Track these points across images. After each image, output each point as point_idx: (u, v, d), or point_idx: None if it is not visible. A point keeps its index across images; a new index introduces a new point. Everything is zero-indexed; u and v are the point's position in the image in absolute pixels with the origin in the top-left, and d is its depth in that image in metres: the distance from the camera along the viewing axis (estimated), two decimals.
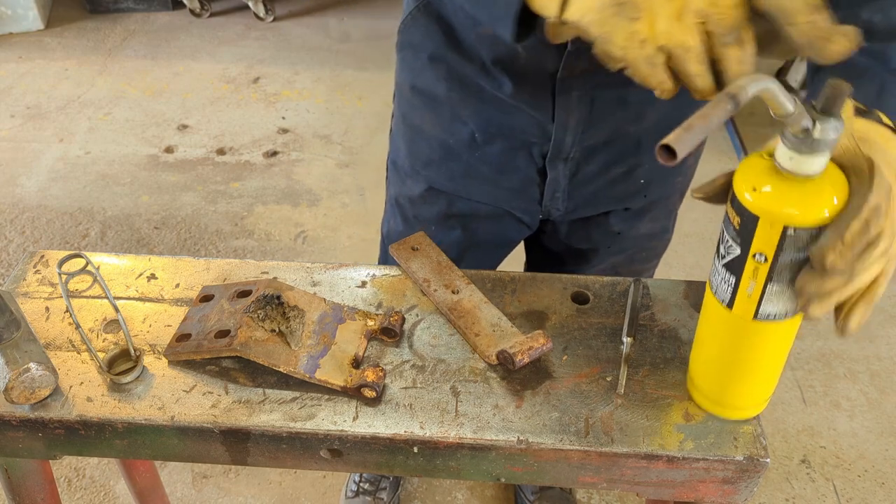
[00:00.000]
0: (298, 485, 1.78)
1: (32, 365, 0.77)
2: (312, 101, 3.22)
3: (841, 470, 1.80)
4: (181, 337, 0.86)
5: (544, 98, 0.94)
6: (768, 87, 0.53)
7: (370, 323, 0.88)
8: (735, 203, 0.60)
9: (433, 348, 0.87)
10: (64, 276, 0.91)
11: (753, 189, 0.58)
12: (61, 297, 0.93)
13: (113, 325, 0.90)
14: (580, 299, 0.93)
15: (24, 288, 0.95)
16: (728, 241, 0.62)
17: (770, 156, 0.59)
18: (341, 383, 0.81)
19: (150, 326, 0.90)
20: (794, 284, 0.60)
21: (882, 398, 1.97)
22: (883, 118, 0.66)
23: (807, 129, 0.54)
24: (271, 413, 0.80)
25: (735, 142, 2.89)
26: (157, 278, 0.96)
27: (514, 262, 1.45)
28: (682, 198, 1.19)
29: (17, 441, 0.83)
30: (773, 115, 0.55)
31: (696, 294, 0.93)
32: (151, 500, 1.37)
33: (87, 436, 0.81)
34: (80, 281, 0.94)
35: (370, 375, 0.80)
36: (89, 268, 0.91)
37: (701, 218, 2.54)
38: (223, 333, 0.82)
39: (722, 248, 0.63)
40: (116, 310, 0.86)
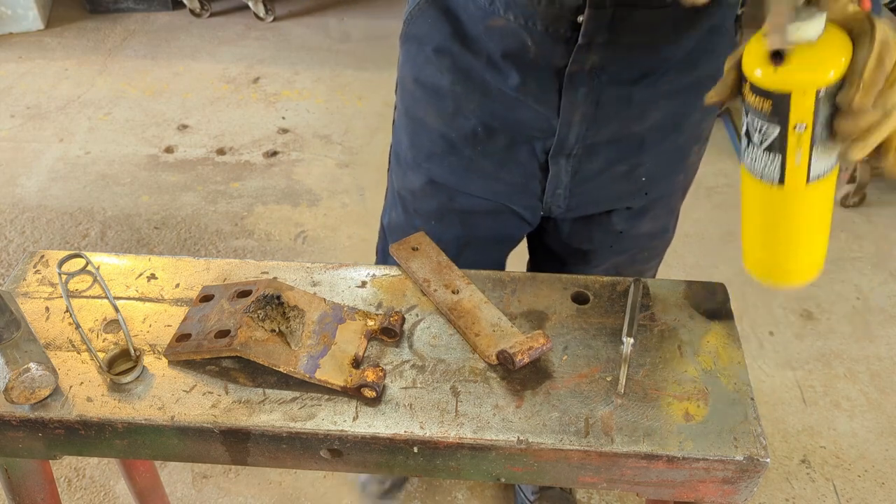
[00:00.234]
0: (298, 485, 1.78)
1: (32, 365, 0.77)
2: (312, 101, 3.22)
3: (841, 470, 1.80)
4: (181, 337, 0.86)
5: (550, 93, 0.94)
6: None
7: (370, 323, 0.88)
8: (760, 91, 0.64)
9: (433, 348, 0.87)
10: (64, 276, 0.91)
11: (775, 71, 0.62)
12: (61, 297, 0.93)
13: (113, 325, 0.90)
14: (580, 299, 0.93)
15: (24, 288, 0.95)
16: (762, 126, 0.66)
17: (766, 36, 0.63)
18: (341, 383, 0.81)
19: (150, 326, 0.90)
20: (834, 134, 0.64)
21: (882, 398, 1.97)
22: None
23: None
24: (271, 413, 0.80)
25: (735, 142, 2.89)
26: (157, 278, 0.96)
27: (516, 262, 1.45)
28: (684, 196, 1.19)
29: (17, 441, 0.83)
30: None
31: (696, 294, 0.93)
32: (151, 500, 1.37)
33: (87, 436, 0.81)
34: (80, 281, 0.94)
35: (370, 375, 0.80)
36: (89, 268, 0.91)
37: (702, 218, 2.54)
38: (223, 333, 0.82)
39: (756, 137, 0.68)
40: (116, 310, 0.86)
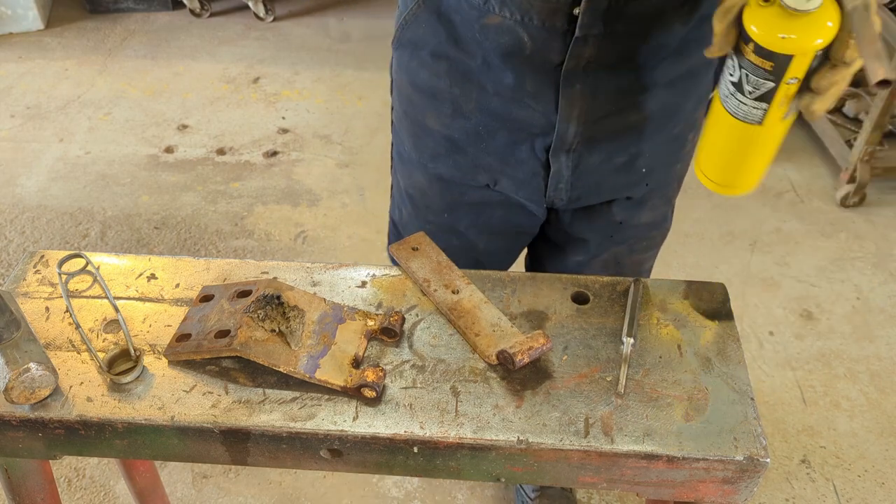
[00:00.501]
0: (298, 485, 1.78)
1: (32, 365, 0.77)
2: (312, 101, 3.21)
3: (841, 470, 1.80)
4: (181, 337, 0.86)
5: (548, 90, 0.95)
6: None
7: (370, 323, 0.88)
8: (764, 52, 0.70)
9: (433, 348, 0.87)
10: (64, 276, 0.91)
11: (783, 37, 0.68)
12: (61, 297, 0.93)
13: (113, 325, 0.90)
14: (580, 299, 0.93)
15: (24, 288, 0.95)
16: (757, 80, 0.73)
17: (766, 2, 0.69)
18: (341, 383, 0.81)
19: (150, 326, 0.90)
20: (811, 85, 0.72)
21: (882, 398, 1.97)
22: None
23: None
24: (271, 413, 0.80)
25: None
26: (157, 278, 0.96)
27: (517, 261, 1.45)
28: (680, 187, 1.21)
29: (17, 441, 0.83)
30: None
31: (696, 294, 0.93)
32: (151, 500, 1.37)
33: (87, 436, 0.81)
34: (80, 281, 0.94)
35: (370, 375, 0.80)
36: (89, 268, 0.91)
37: (702, 218, 2.54)
38: (223, 333, 0.82)
39: (748, 88, 0.74)
40: (116, 310, 0.86)
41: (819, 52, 0.69)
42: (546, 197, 1.09)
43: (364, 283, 0.95)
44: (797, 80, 0.72)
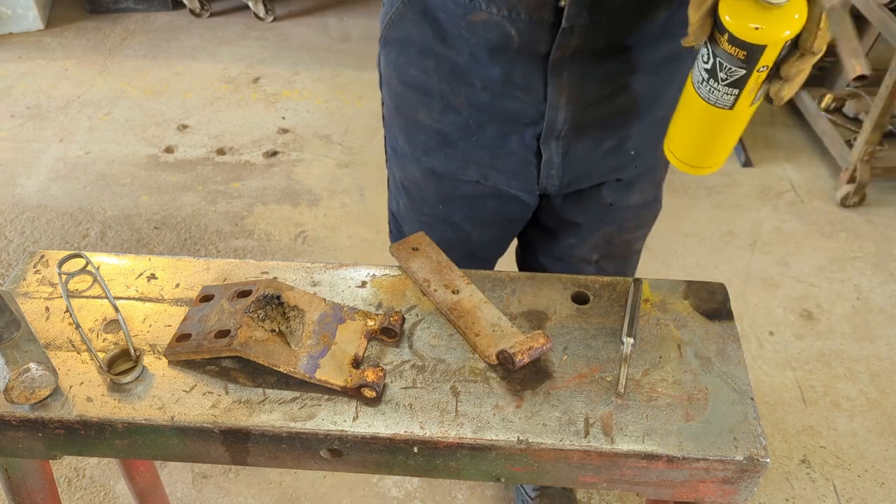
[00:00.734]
0: (298, 485, 1.78)
1: (32, 365, 0.77)
2: (312, 101, 3.21)
3: (841, 470, 1.80)
4: (181, 337, 0.86)
5: (535, 80, 0.96)
6: None
7: (370, 323, 0.88)
8: (739, 42, 0.73)
9: (433, 348, 0.87)
10: (64, 276, 0.91)
11: (756, 28, 0.71)
12: (61, 297, 0.93)
13: (113, 325, 0.90)
14: (580, 299, 0.93)
15: (24, 288, 0.95)
16: (730, 68, 0.76)
17: None
18: (341, 383, 0.81)
19: (150, 326, 0.90)
20: (781, 73, 0.76)
21: (882, 398, 1.97)
22: None
23: None
24: (271, 413, 0.80)
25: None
26: (157, 278, 0.96)
27: (512, 260, 1.45)
28: (667, 169, 1.22)
29: (17, 441, 0.83)
30: None
31: (696, 294, 0.93)
32: (151, 500, 1.37)
33: (87, 436, 0.81)
34: (80, 281, 0.94)
35: (370, 375, 0.80)
36: (89, 268, 0.92)
37: (702, 218, 2.54)
38: (223, 333, 0.82)
39: (721, 75, 0.77)
40: (116, 310, 0.86)
41: (788, 42, 0.73)
42: (539, 184, 1.10)
43: (364, 283, 0.95)
44: (767, 68, 0.75)
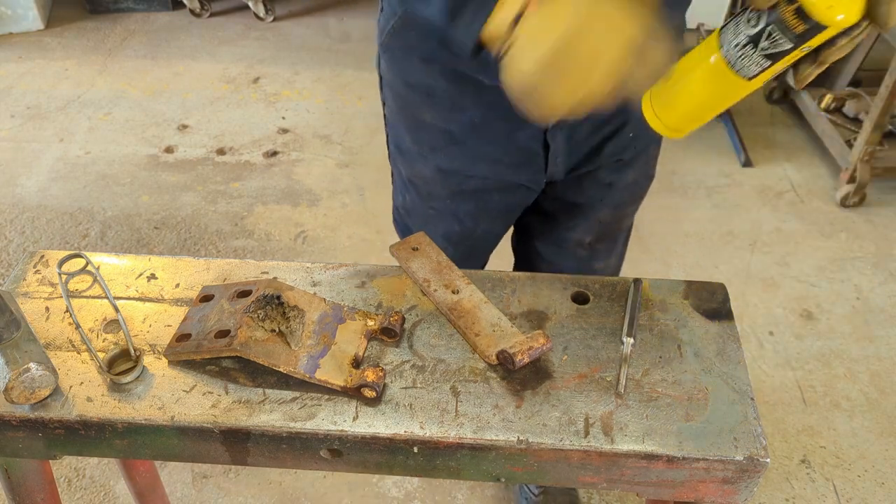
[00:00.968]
0: (298, 485, 1.78)
1: (32, 365, 0.77)
2: (312, 101, 3.22)
3: (841, 470, 1.80)
4: (181, 337, 0.86)
5: None
6: None
7: (370, 323, 0.88)
8: (803, 15, 0.71)
9: (433, 348, 0.87)
10: (64, 276, 0.91)
11: (829, 7, 0.69)
12: (61, 297, 0.93)
13: (113, 325, 0.90)
14: (580, 299, 0.93)
15: (24, 288, 0.95)
16: (778, 39, 0.73)
17: None
18: (341, 383, 0.81)
19: (150, 326, 0.90)
20: (819, 56, 0.75)
21: (882, 398, 1.97)
22: None
23: None
24: (271, 413, 0.80)
25: (735, 141, 2.89)
26: (157, 278, 0.96)
27: (509, 259, 1.45)
28: (660, 142, 1.24)
29: (17, 441, 0.83)
30: None
31: (696, 294, 0.93)
32: (151, 500, 1.37)
33: (87, 436, 0.81)
34: (80, 281, 0.94)
35: (370, 375, 0.80)
36: (89, 268, 0.92)
37: (702, 218, 2.54)
38: (223, 333, 0.82)
39: (765, 43, 0.74)
40: (116, 310, 0.86)
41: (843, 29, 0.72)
42: (546, 173, 1.13)
43: (364, 283, 0.95)
44: (809, 49, 0.74)
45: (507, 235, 1.35)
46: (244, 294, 0.87)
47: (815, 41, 0.73)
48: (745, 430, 0.77)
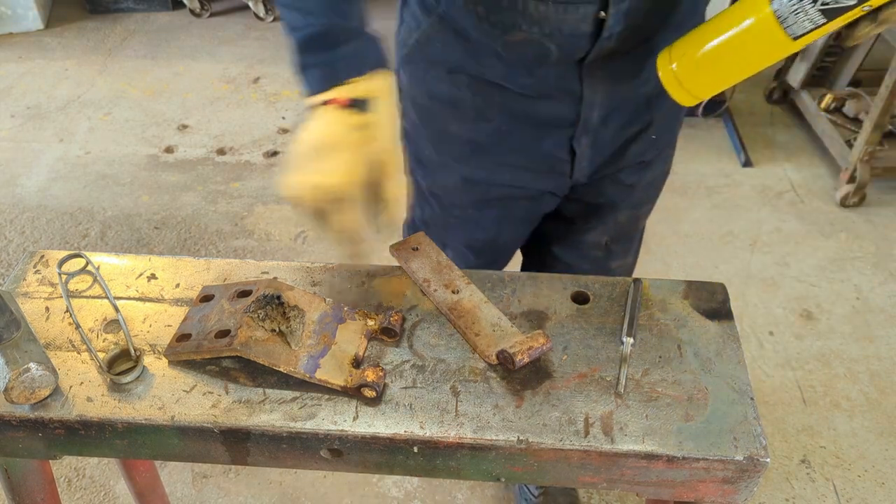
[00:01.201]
0: (298, 485, 1.78)
1: (32, 365, 0.77)
2: None
3: (841, 470, 1.80)
4: (181, 337, 0.86)
5: (571, 82, 0.97)
6: None
7: (370, 323, 0.88)
8: None
9: (433, 348, 0.87)
10: (64, 276, 0.91)
11: None
12: (61, 297, 0.93)
13: (113, 325, 0.89)
14: (580, 299, 0.93)
15: (24, 288, 0.95)
16: None
17: None
18: (341, 383, 0.81)
19: (150, 326, 0.90)
20: (880, 16, 0.72)
21: (882, 398, 1.97)
22: None
23: None
24: (271, 413, 0.80)
25: (735, 141, 2.89)
26: (157, 278, 0.96)
27: (515, 262, 1.45)
28: (677, 138, 1.24)
29: (17, 441, 0.83)
30: None
31: (696, 294, 0.93)
32: (151, 500, 1.37)
33: (87, 436, 0.81)
34: (80, 281, 0.94)
35: (370, 375, 0.80)
36: (89, 268, 0.92)
37: (702, 218, 2.54)
38: (223, 333, 0.82)
39: None
40: (116, 310, 0.86)
41: None
42: (571, 178, 1.12)
43: (364, 283, 0.95)
44: (870, 9, 0.71)
45: None
46: (244, 294, 0.87)
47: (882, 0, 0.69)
48: (745, 430, 0.77)
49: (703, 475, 0.77)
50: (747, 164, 2.80)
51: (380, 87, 0.82)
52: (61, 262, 0.92)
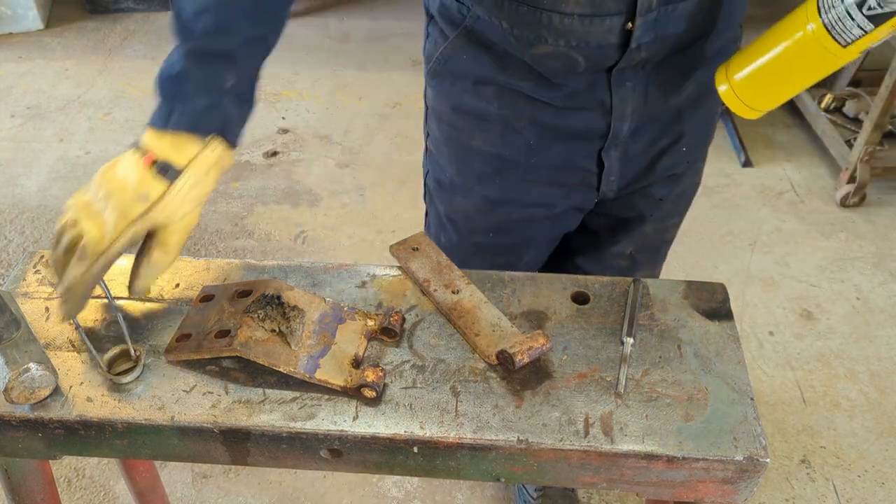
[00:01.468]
0: (298, 485, 1.78)
1: (32, 365, 0.77)
2: (312, 101, 3.22)
3: (841, 470, 1.80)
4: (181, 337, 0.86)
5: (602, 95, 0.97)
6: None
7: (370, 323, 0.88)
8: None
9: (433, 348, 0.87)
10: None
11: None
12: None
13: (113, 325, 0.89)
14: (580, 299, 0.93)
15: (24, 288, 0.95)
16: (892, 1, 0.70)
17: None
18: (341, 383, 0.81)
19: (150, 326, 0.90)
20: None
21: (882, 398, 1.97)
22: None
23: None
24: (271, 413, 0.80)
25: (735, 141, 2.89)
26: (156, 278, 0.96)
27: None
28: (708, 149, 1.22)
29: (17, 441, 0.83)
30: None
31: (696, 294, 0.93)
32: (151, 500, 1.37)
33: (87, 436, 0.81)
34: None
35: (370, 375, 0.80)
36: None
37: (702, 218, 2.54)
38: (223, 333, 0.82)
39: (872, 2, 0.71)
40: (117, 310, 0.86)
41: None
42: (599, 192, 1.10)
43: (364, 283, 0.95)
44: None
45: None
46: (244, 294, 0.87)
47: None
48: (744, 430, 0.77)
49: (703, 475, 0.77)
50: (747, 164, 2.80)
51: (203, 158, 0.81)
52: None
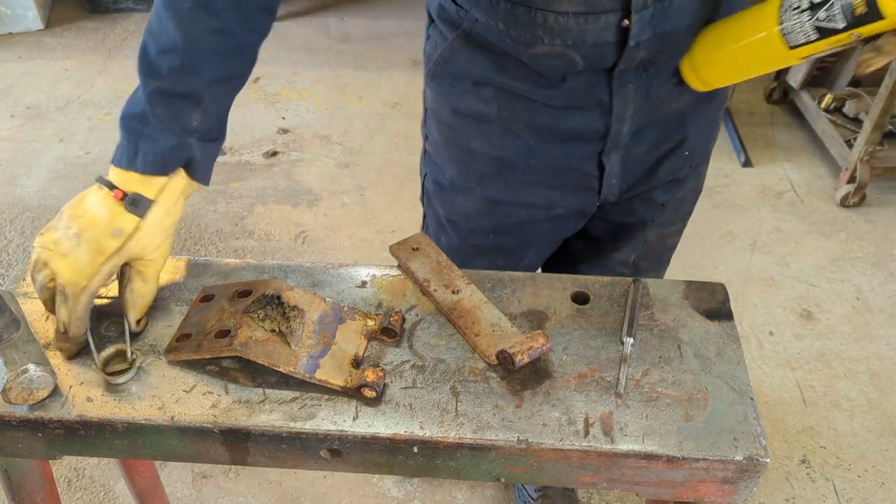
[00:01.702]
0: (298, 485, 1.78)
1: (31, 366, 0.77)
2: (312, 101, 3.22)
3: (841, 470, 1.80)
4: (181, 337, 0.86)
5: (601, 95, 0.96)
6: None
7: (370, 323, 0.88)
8: (872, 2, 0.70)
9: (433, 348, 0.87)
10: None
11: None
12: None
13: (113, 324, 0.89)
14: (580, 299, 0.93)
15: (24, 288, 0.95)
16: (836, 15, 0.73)
17: None
18: (341, 383, 0.81)
19: (151, 326, 0.90)
20: (881, 47, 0.74)
21: (882, 398, 1.97)
22: None
23: None
24: (271, 413, 0.80)
25: (735, 141, 2.89)
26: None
27: None
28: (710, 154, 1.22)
29: (17, 441, 0.83)
30: None
31: (696, 294, 0.93)
32: (151, 500, 1.37)
33: (87, 436, 0.81)
34: None
35: (370, 375, 0.80)
36: None
37: (702, 218, 2.54)
38: (223, 333, 0.82)
39: (823, 14, 0.74)
40: (116, 310, 0.86)
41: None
42: (600, 196, 1.10)
43: (364, 283, 0.95)
44: (859, 38, 0.74)
45: None
46: (244, 294, 0.87)
47: (866, 30, 0.72)
48: (744, 430, 0.77)
49: (703, 475, 0.77)
50: (747, 163, 2.80)
51: (172, 188, 0.83)
52: None
